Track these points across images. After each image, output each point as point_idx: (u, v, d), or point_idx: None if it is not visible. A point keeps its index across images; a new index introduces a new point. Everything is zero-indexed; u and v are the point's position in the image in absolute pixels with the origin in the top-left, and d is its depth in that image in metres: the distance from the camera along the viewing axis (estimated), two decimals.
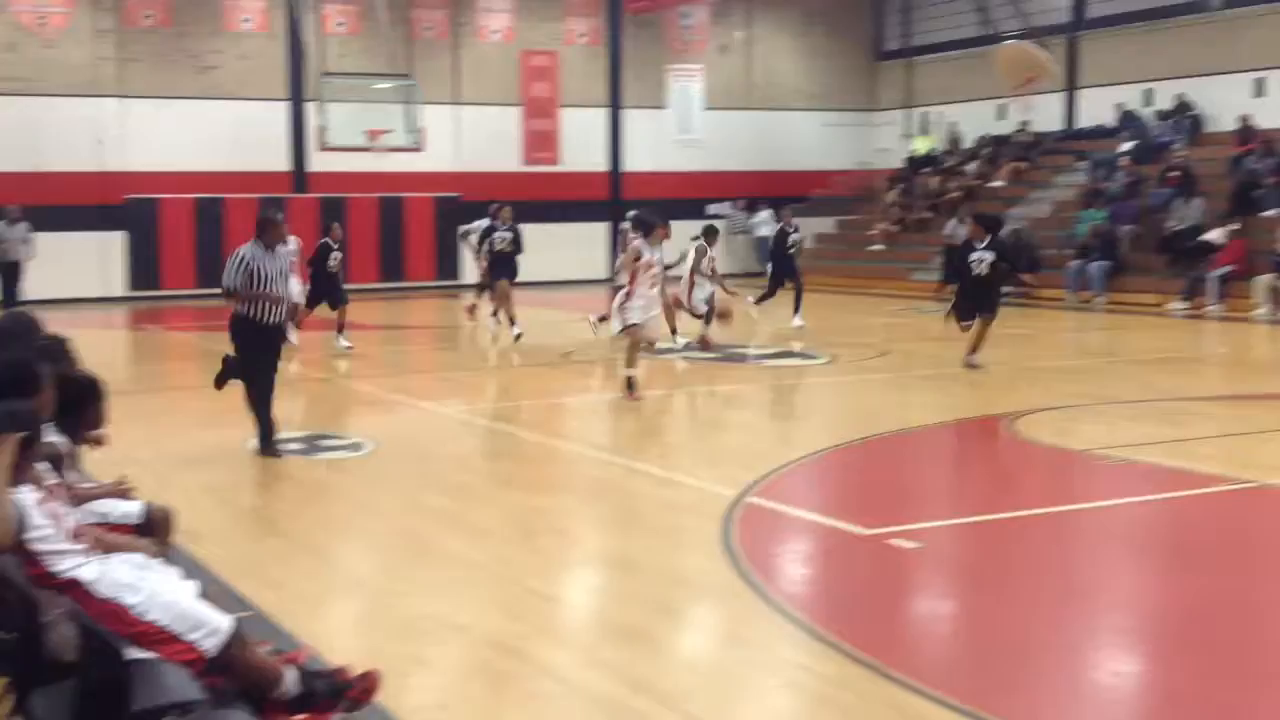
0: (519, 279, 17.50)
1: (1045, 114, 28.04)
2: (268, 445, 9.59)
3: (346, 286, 17.19)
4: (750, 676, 5.30)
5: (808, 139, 31.86)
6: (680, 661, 5.66)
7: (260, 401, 9.58)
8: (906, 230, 27.94)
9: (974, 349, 13.63)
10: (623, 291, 12.56)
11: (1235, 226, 21.01)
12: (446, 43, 28.40)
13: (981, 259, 13.65)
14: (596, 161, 29.98)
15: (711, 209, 29.88)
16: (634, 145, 30.24)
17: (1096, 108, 27.53)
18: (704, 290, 16.06)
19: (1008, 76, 15.46)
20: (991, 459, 10.20)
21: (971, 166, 28.49)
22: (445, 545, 7.35)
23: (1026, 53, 13.59)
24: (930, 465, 10.13)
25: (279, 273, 9.48)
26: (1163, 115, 25.89)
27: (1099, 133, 27.02)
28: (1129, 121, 26.22)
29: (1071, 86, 27.99)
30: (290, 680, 4.40)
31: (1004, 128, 29.07)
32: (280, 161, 26.98)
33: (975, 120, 29.75)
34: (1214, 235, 21.25)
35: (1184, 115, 25.56)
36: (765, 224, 28.44)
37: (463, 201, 26.96)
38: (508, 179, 28.04)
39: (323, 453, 9.99)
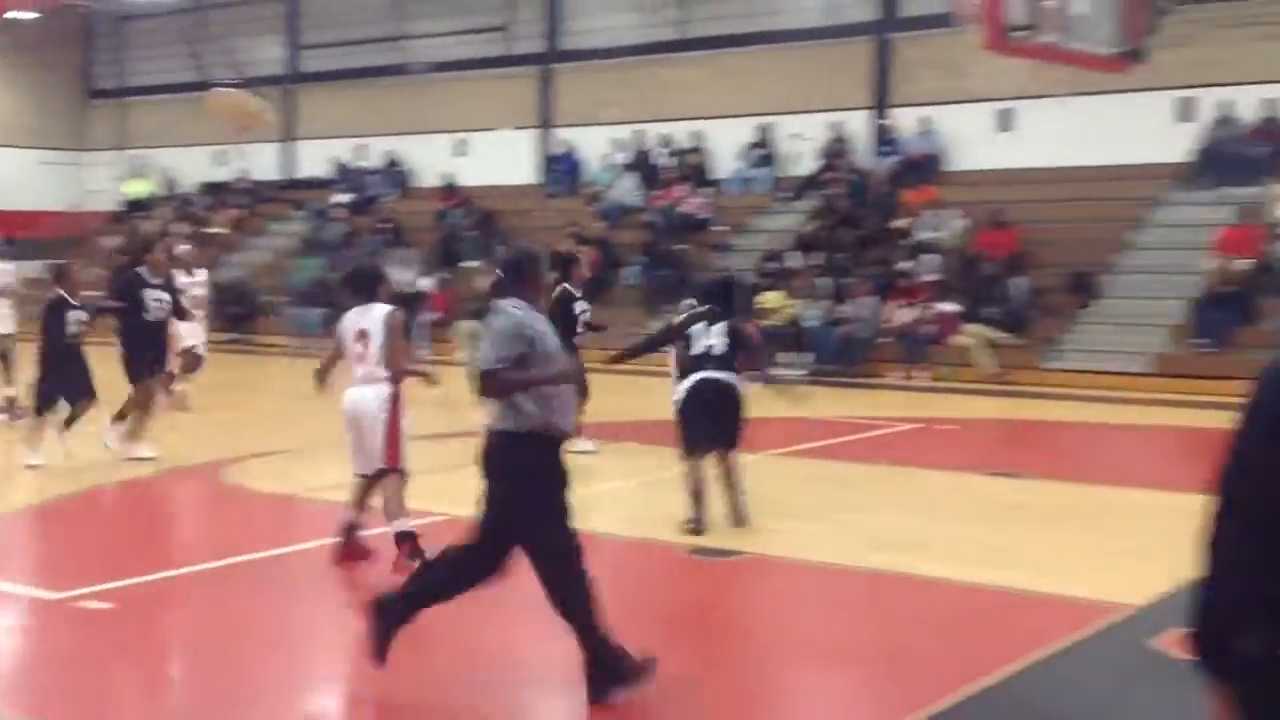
0: None
1: (263, 163, 28.39)
2: None
3: None
4: None
5: (15, 176, 29.63)
6: None
7: None
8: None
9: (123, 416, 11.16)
10: None
11: (444, 276, 22.56)
12: None
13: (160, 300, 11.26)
14: None
15: None
16: None
17: (314, 159, 28.34)
18: None
19: (223, 123, 15.45)
20: (200, 508, 10.04)
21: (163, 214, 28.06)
22: None
23: (240, 101, 13.63)
24: (132, 520, 9.75)
25: None
26: (375, 170, 27.23)
27: (316, 183, 27.82)
28: (345, 174, 27.26)
29: (289, 137, 28.58)
30: None
31: (223, 174, 29.00)
32: None
33: (193, 164, 29.37)
34: (423, 284, 22.65)
35: (394, 170, 27.08)
36: None
37: None
38: None
39: None
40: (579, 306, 11.22)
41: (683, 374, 8.56)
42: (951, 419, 14.33)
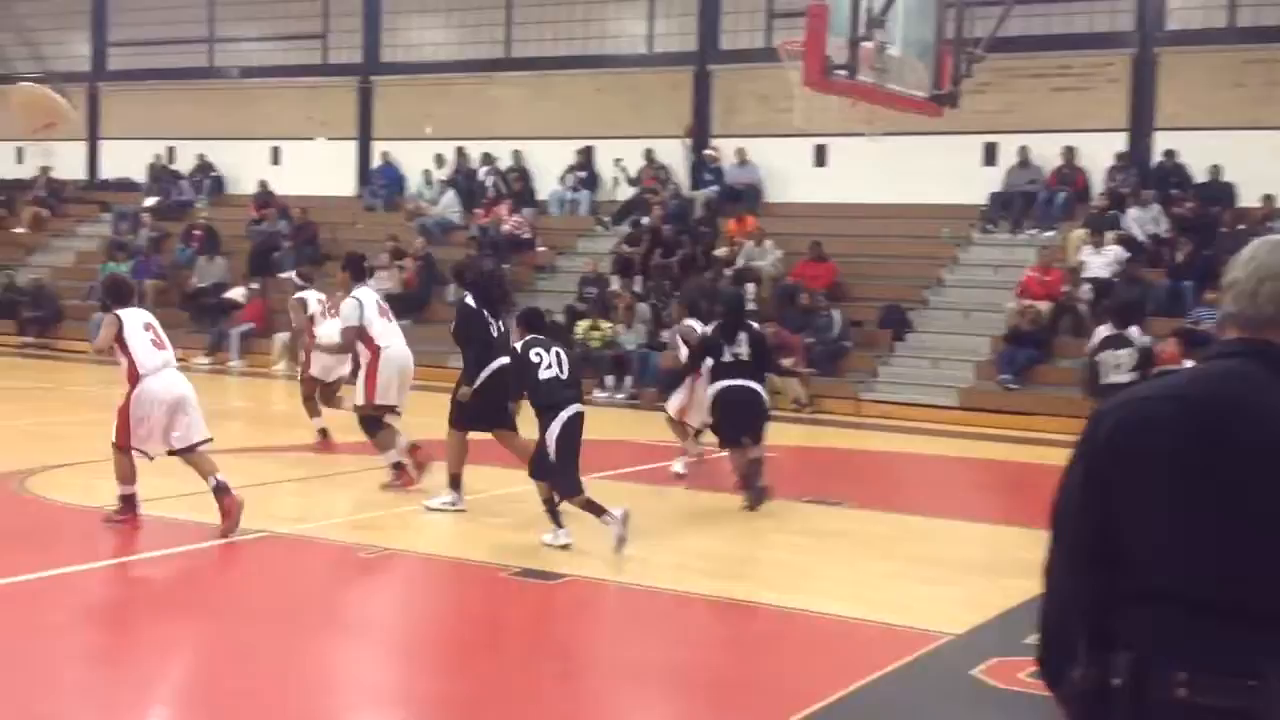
0: None
1: (68, 162, 27.27)
2: None
3: None
4: None
5: None
6: None
7: None
8: None
9: None
10: None
11: (255, 286, 22.00)
12: None
13: None
14: None
15: None
16: None
17: (120, 160, 27.35)
18: None
19: (24, 119, 14.76)
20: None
21: None
22: None
23: (45, 97, 13.03)
24: None
25: None
26: (186, 175, 26.43)
27: (124, 185, 26.86)
28: (157, 176, 26.39)
29: (94, 136, 27.54)
30: None
31: (24, 171, 27.75)
32: None
33: None
34: (235, 293, 22.08)
35: (206, 175, 26.33)
36: None
37: None
38: None
39: None
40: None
41: (714, 379, 10.31)
42: (768, 446, 14.62)
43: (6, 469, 10.66)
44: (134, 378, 8.59)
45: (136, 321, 8.77)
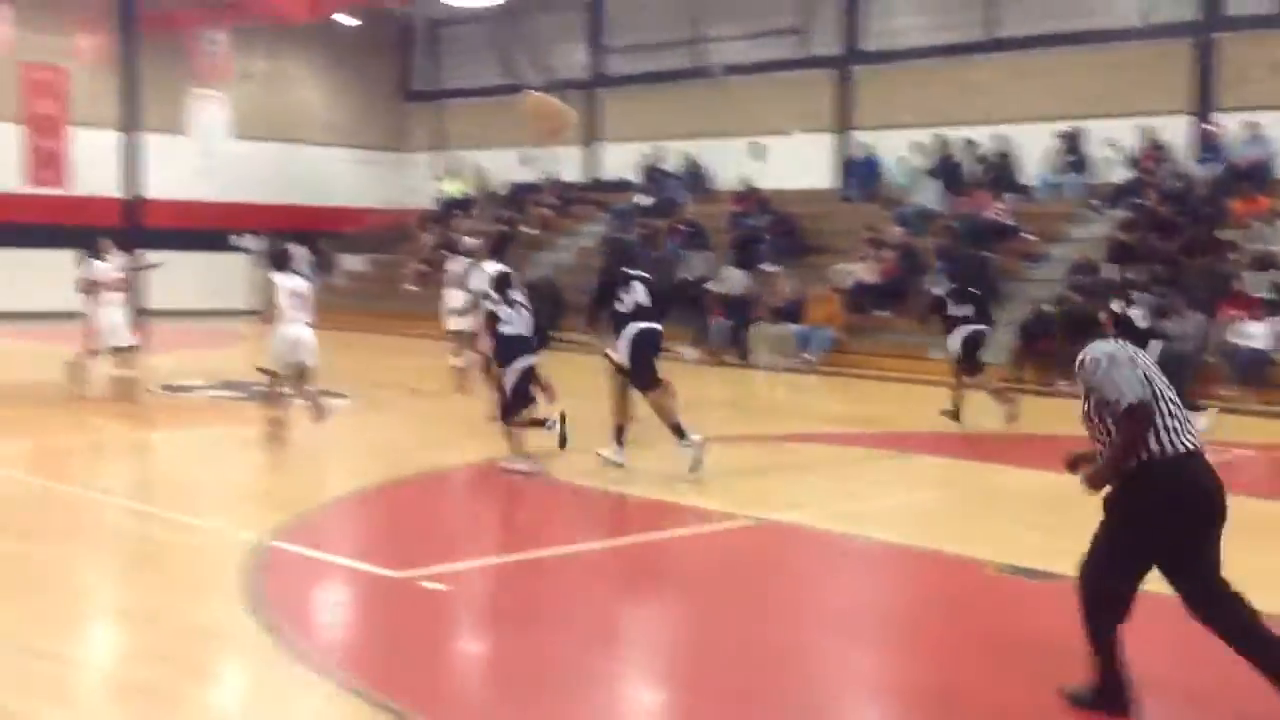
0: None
1: (569, 165, 29.21)
2: None
3: None
4: None
5: (337, 175, 31.51)
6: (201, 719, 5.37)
7: None
8: (437, 270, 28.09)
9: None
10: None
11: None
12: None
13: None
14: (110, 186, 28.21)
15: (234, 241, 28.89)
16: (153, 171, 28.69)
17: (616, 161, 28.97)
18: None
19: (533, 126, 15.94)
20: (521, 498, 10.37)
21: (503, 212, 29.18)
22: None
23: (550, 104, 14.01)
24: (462, 506, 10.20)
25: None
26: (674, 173, 27.61)
27: (619, 185, 28.43)
28: (649, 176, 27.76)
29: (593, 140, 29.32)
30: None
31: (531, 175, 30.00)
32: None
33: (503, 166, 30.49)
34: (713, 285, 22.84)
35: (693, 172, 27.40)
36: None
37: None
38: (7, 201, 25.87)
39: None
40: None
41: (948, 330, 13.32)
42: None
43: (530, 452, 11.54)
44: None
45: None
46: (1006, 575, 7.58)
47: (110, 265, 14.84)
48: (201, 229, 28.64)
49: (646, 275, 10.72)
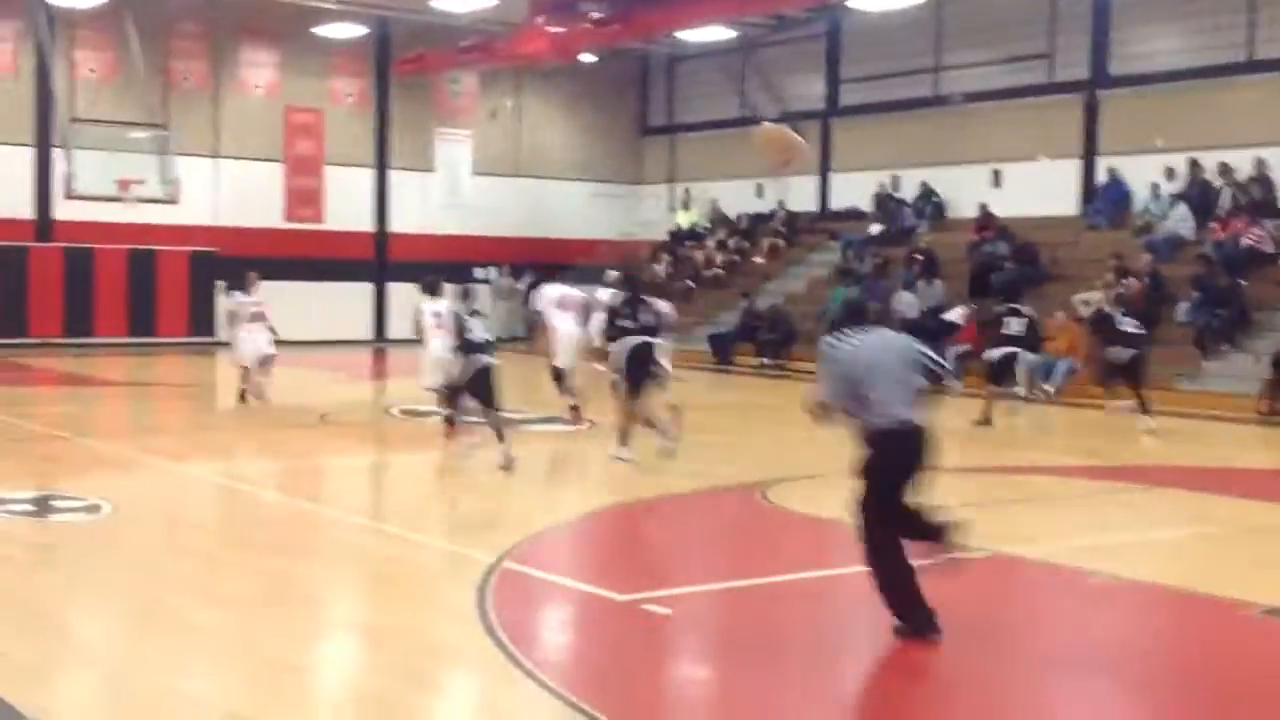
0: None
1: (800, 194, 29.15)
2: None
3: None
4: None
5: (574, 208, 32.24)
6: None
7: None
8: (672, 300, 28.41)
9: None
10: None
11: (974, 307, 22.13)
12: (206, 94, 27.70)
13: None
14: (362, 221, 29.63)
15: (478, 273, 29.86)
16: (400, 207, 30.04)
17: (847, 190, 28.76)
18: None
19: (766, 157, 15.98)
20: (742, 525, 10.38)
21: (732, 241, 29.36)
22: (187, 614, 7.02)
23: (783, 135, 14.00)
24: (685, 532, 10.24)
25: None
26: (908, 202, 27.22)
27: (851, 214, 28.21)
28: (882, 204, 27.45)
29: (825, 170, 29.18)
30: None
31: (762, 205, 30.06)
32: (23, 208, 25.79)
33: (735, 197, 30.63)
34: (954, 314, 22.34)
35: (928, 201, 26.96)
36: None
37: (220, 256, 26.30)
38: (268, 235, 27.44)
39: (55, 515, 9.44)
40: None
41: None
42: None
43: (751, 479, 11.55)
44: None
45: None
46: (1273, 620, 7.17)
47: (250, 298, 15.97)
48: (445, 261, 29.69)
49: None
